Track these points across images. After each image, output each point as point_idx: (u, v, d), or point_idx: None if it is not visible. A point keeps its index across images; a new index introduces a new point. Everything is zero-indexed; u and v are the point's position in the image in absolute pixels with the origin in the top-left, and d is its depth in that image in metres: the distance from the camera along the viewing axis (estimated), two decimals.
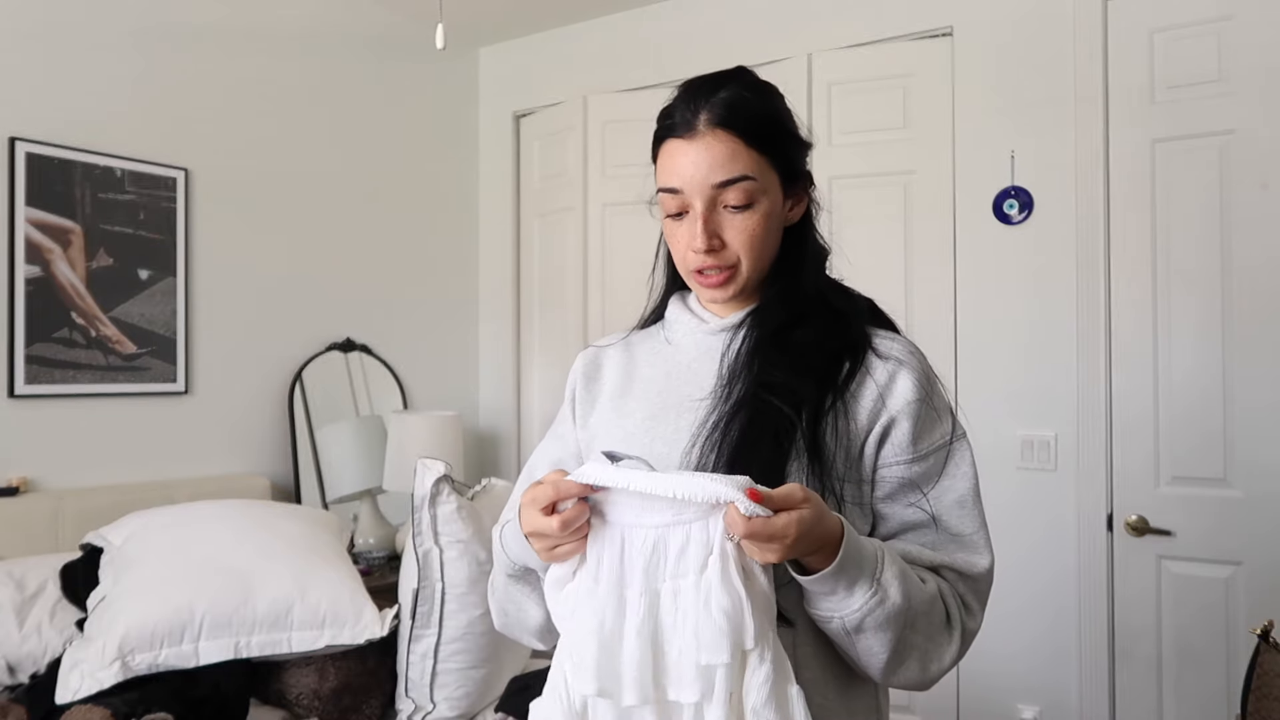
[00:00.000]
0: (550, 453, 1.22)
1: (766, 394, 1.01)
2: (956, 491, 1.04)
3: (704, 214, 1.04)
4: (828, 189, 2.86)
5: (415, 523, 2.10)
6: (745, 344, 1.08)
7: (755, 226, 1.05)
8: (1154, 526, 2.43)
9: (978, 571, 1.03)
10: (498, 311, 3.65)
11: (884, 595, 0.92)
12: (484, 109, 3.70)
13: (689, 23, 3.17)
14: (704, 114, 1.04)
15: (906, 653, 0.96)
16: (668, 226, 1.10)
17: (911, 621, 0.95)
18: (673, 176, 1.06)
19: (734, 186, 1.04)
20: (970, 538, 1.04)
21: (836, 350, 1.06)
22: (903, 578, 0.94)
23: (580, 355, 1.25)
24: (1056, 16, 2.57)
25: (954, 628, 1.00)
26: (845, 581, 0.91)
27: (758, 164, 1.05)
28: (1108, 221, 2.51)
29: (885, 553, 0.95)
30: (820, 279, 1.14)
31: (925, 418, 1.04)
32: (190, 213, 2.79)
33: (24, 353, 2.42)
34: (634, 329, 1.23)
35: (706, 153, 1.04)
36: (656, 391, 1.12)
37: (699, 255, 1.05)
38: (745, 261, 1.06)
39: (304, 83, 3.09)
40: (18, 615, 2.01)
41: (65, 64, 2.52)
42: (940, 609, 0.99)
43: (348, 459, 3.02)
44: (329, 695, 2.05)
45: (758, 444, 0.99)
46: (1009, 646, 2.60)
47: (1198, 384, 2.39)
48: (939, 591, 1.00)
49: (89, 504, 2.41)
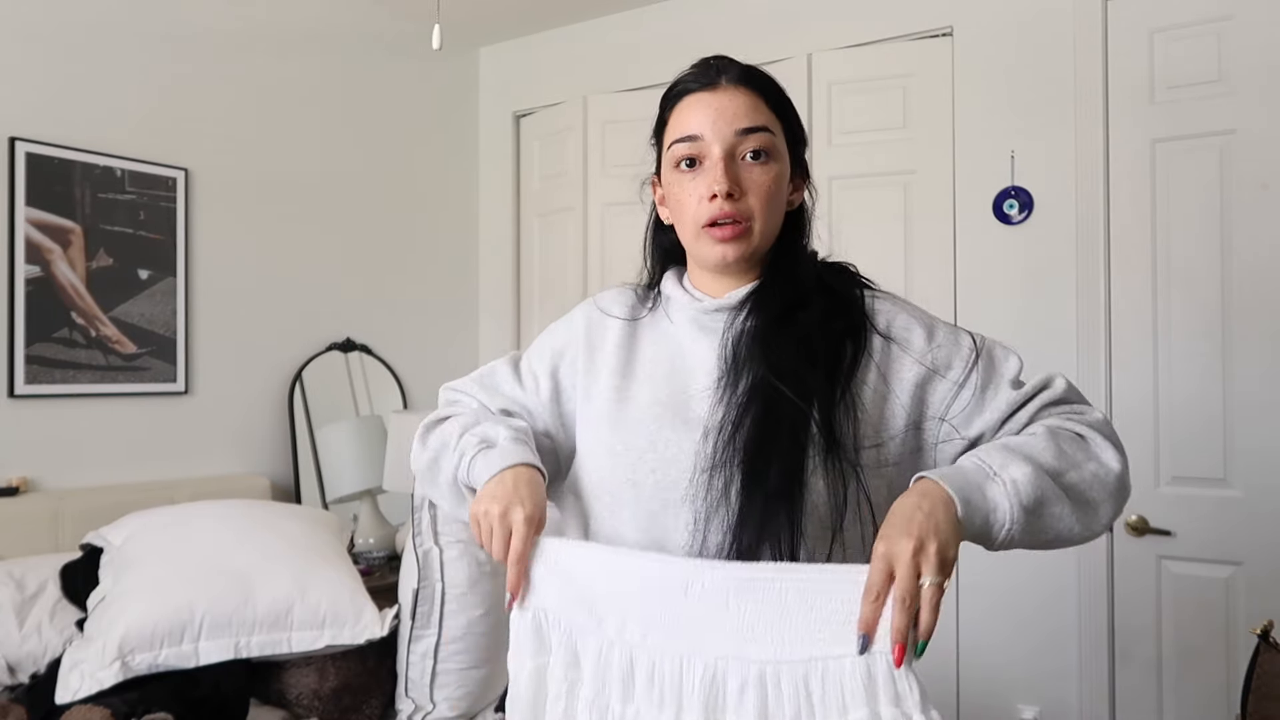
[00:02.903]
0: (505, 403, 1.17)
1: (776, 381, 0.99)
2: (1010, 374, 1.05)
3: (724, 158, 1.04)
4: (828, 189, 2.86)
5: (415, 523, 2.10)
6: (749, 326, 1.06)
7: (771, 182, 1.05)
8: (1154, 526, 2.43)
9: (1061, 390, 1.04)
10: (498, 311, 3.65)
11: (1012, 480, 0.92)
12: (484, 109, 3.70)
13: (689, 23, 3.17)
14: (725, 73, 1.07)
15: (1083, 490, 0.96)
16: (675, 181, 1.08)
17: (1054, 469, 0.95)
18: (691, 124, 1.06)
19: (755, 135, 1.04)
20: (1034, 382, 1.05)
21: (840, 334, 1.05)
22: (1007, 450, 0.95)
23: (581, 313, 1.19)
24: (1056, 16, 2.57)
25: (1089, 434, 1.00)
26: (979, 508, 0.91)
27: (775, 124, 1.07)
28: (1108, 221, 2.51)
29: (979, 453, 0.96)
30: (817, 264, 1.14)
31: (946, 358, 1.04)
32: (190, 213, 2.79)
33: (24, 353, 2.42)
34: (638, 299, 1.18)
35: (730, 101, 1.05)
36: (663, 375, 1.09)
37: (716, 204, 1.03)
38: (759, 218, 1.05)
39: (304, 83, 3.09)
40: (18, 615, 2.01)
41: (65, 64, 2.52)
42: (1066, 434, 0.99)
43: (348, 459, 3.02)
44: (329, 695, 2.05)
45: (774, 440, 0.98)
46: (1009, 646, 2.60)
47: (1198, 384, 2.39)
48: (1048, 429, 0.99)
49: (89, 504, 2.41)
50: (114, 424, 2.60)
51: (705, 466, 1.00)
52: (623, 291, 1.20)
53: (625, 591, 0.94)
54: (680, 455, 1.03)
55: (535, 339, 1.25)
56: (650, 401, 1.08)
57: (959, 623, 2.66)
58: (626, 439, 1.06)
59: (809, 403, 0.99)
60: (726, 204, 1.03)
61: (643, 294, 1.18)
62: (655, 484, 1.03)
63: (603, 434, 1.09)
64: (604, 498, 1.08)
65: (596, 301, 1.20)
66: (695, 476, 1.00)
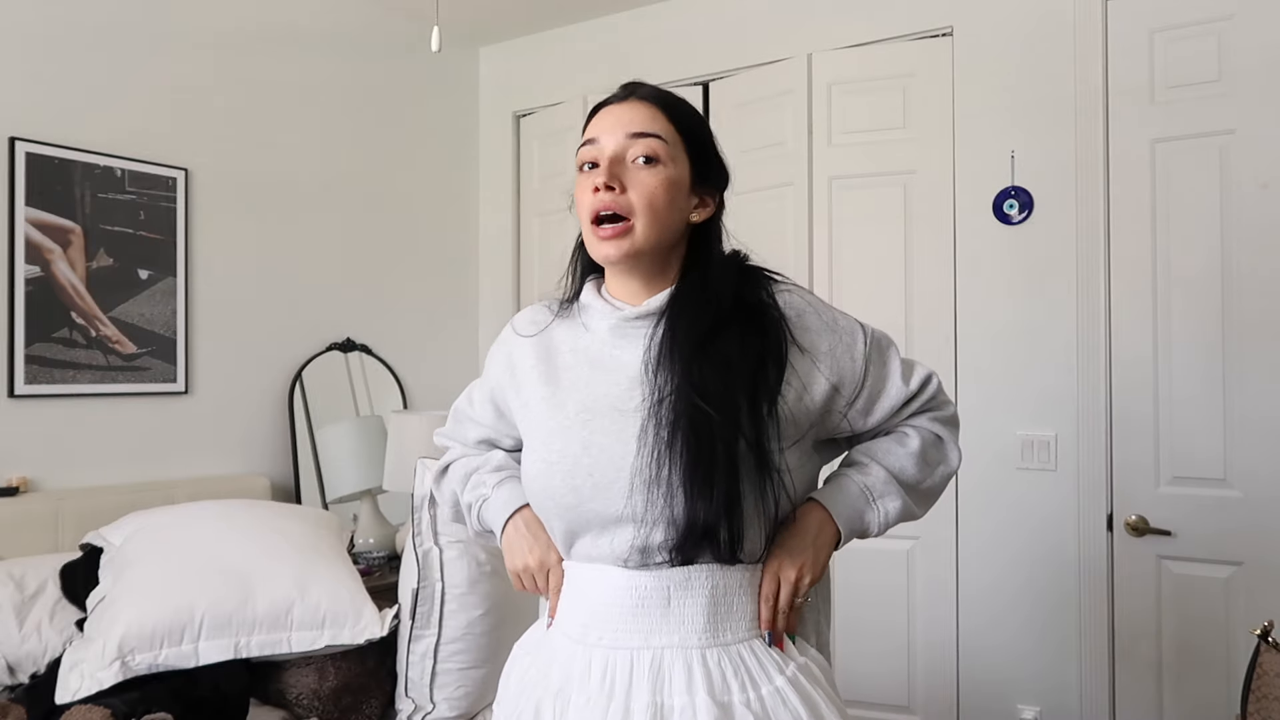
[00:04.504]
0: (479, 430, 1.33)
1: (700, 401, 1.05)
2: (896, 372, 1.20)
3: (611, 157, 1.11)
4: (828, 189, 2.87)
5: (415, 523, 2.10)
6: (668, 337, 1.11)
7: (657, 185, 1.11)
8: (1154, 526, 2.43)
9: (935, 388, 1.23)
10: (498, 311, 3.65)
11: (885, 511, 1.18)
12: (484, 109, 3.70)
13: (689, 23, 3.17)
14: (636, 92, 1.16)
15: (932, 489, 1.23)
16: (578, 182, 1.16)
17: (915, 480, 1.20)
18: (594, 130, 1.15)
19: (644, 140, 1.12)
20: (917, 380, 1.21)
21: (760, 355, 1.10)
22: (889, 479, 1.18)
23: (501, 338, 1.29)
24: (1056, 16, 2.57)
25: (945, 435, 1.23)
26: (856, 529, 1.17)
27: (672, 136, 1.13)
28: (1108, 221, 2.51)
29: (865, 473, 1.19)
30: (732, 281, 1.16)
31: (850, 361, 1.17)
32: (190, 213, 2.79)
33: (24, 353, 2.42)
34: (554, 312, 1.24)
35: (630, 111, 1.14)
36: (585, 382, 1.15)
37: (599, 196, 1.10)
38: (640, 218, 1.10)
39: (304, 83, 3.09)
40: (18, 615, 2.01)
41: (65, 64, 2.52)
42: (930, 438, 1.21)
43: (348, 459, 3.01)
44: (329, 695, 2.05)
45: (710, 454, 1.04)
46: (1009, 647, 2.60)
47: (1198, 384, 2.39)
48: (920, 436, 1.21)
49: (89, 504, 2.41)
50: (114, 424, 2.60)
51: (644, 475, 1.05)
52: (536, 309, 1.27)
53: (587, 602, 1.13)
54: (614, 459, 1.08)
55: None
56: (578, 409, 1.13)
57: (959, 623, 2.66)
58: (561, 447, 1.12)
59: (735, 422, 1.05)
60: (607, 196, 1.10)
61: (555, 307, 1.25)
62: (594, 486, 1.09)
63: (536, 445, 1.15)
64: (548, 503, 1.14)
65: (513, 324, 1.29)
66: (633, 483, 1.06)
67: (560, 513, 1.13)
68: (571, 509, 1.11)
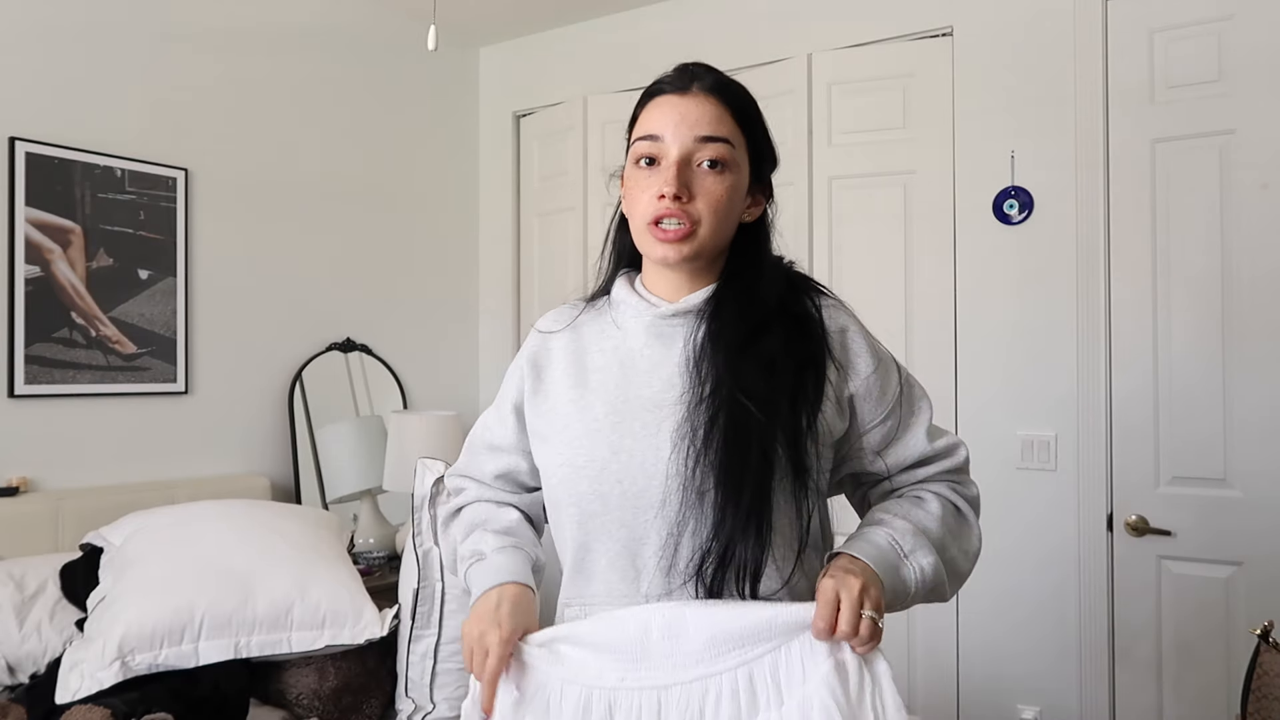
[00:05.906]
0: (498, 459, 1.25)
1: (744, 399, 1.01)
2: (923, 423, 1.15)
3: (679, 161, 1.06)
4: (828, 189, 2.86)
5: (415, 523, 2.10)
6: (711, 335, 1.07)
7: (724, 192, 1.07)
8: (1154, 526, 2.43)
9: (960, 460, 1.16)
10: (497, 311, 3.65)
11: (920, 567, 1.05)
12: (484, 109, 3.70)
13: (689, 23, 3.17)
14: (699, 81, 1.09)
15: (958, 565, 1.11)
16: (633, 176, 1.11)
17: (940, 543, 1.08)
18: (656, 124, 1.09)
19: (714, 144, 1.07)
20: (944, 443, 1.15)
21: (802, 363, 1.07)
22: (916, 534, 1.07)
23: (527, 343, 1.23)
24: (1056, 16, 2.57)
25: (967, 512, 1.15)
26: (892, 588, 1.03)
27: (738, 138, 1.09)
28: (1108, 221, 2.51)
29: (891, 531, 1.07)
30: (780, 286, 1.13)
31: (881, 393, 1.12)
32: (190, 213, 2.79)
33: (24, 353, 2.42)
34: (581, 309, 1.21)
35: (696, 107, 1.08)
36: (615, 383, 1.11)
37: (665, 203, 1.05)
38: (706, 223, 1.07)
39: (304, 83, 3.09)
40: (18, 615, 2.01)
41: (65, 64, 2.52)
42: (951, 508, 1.13)
43: (348, 459, 3.02)
44: (329, 695, 2.05)
45: (745, 456, 1.00)
46: (1009, 646, 2.60)
47: (1198, 383, 2.39)
48: (942, 502, 1.12)
49: (89, 504, 2.41)
50: (114, 424, 2.60)
51: (678, 476, 1.01)
52: (561, 311, 1.24)
53: (600, 648, 1.02)
54: (645, 464, 1.04)
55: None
56: (607, 411, 1.09)
57: (959, 623, 2.66)
58: (589, 451, 1.08)
59: (775, 425, 1.02)
60: (674, 205, 1.05)
61: (581, 305, 1.22)
62: (623, 494, 1.05)
63: (562, 449, 1.10)
64: (570, 510, 1.09)
65: (538, 326, 1.24)
66: (666, 486, 1.02)
67: (581, 520, 1.07)
68: (595, 516, 1.06)
